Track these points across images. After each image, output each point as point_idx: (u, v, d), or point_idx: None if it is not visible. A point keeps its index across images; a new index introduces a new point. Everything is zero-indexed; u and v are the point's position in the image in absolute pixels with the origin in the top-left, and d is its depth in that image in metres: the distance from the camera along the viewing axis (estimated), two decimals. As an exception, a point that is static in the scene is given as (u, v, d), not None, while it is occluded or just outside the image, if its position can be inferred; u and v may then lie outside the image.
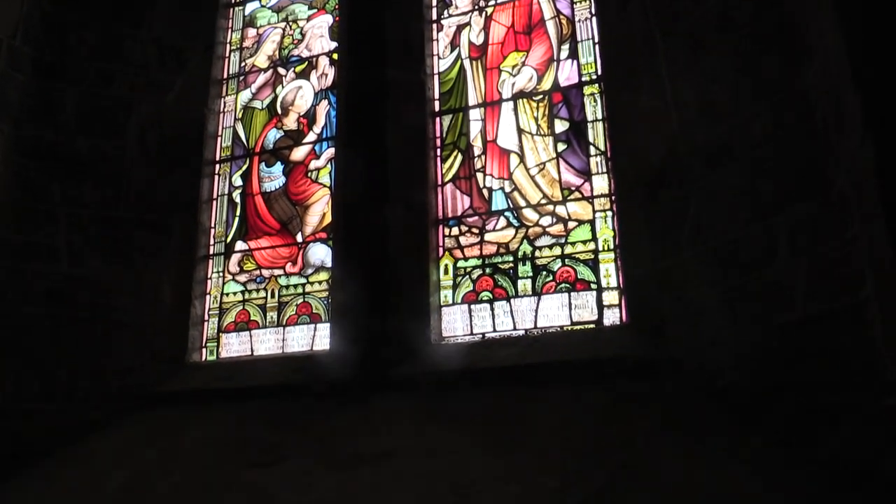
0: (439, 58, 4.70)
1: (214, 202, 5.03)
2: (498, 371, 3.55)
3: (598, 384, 3.29)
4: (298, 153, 4.92)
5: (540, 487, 2.80)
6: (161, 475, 3.57)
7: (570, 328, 3.78)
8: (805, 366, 2.66)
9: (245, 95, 5.27)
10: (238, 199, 5.00)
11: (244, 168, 5.07)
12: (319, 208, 4.70)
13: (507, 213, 4.17)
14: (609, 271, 3.81)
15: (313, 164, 4.83)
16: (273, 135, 5.06)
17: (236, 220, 4.95)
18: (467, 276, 4.14)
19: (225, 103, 5.26)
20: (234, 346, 4.67)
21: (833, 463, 2.48)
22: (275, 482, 3.28)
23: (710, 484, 2.60)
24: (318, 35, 5.20)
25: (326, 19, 5.21)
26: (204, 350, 4.72)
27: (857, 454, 2.42)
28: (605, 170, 3.99)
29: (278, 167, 4.95)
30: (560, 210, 4.04)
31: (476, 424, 3.27)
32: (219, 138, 5.18)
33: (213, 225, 4.98)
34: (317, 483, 3.21)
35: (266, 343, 4.57)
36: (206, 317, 4.79)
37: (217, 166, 5.11)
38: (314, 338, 4.40)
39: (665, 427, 2.95)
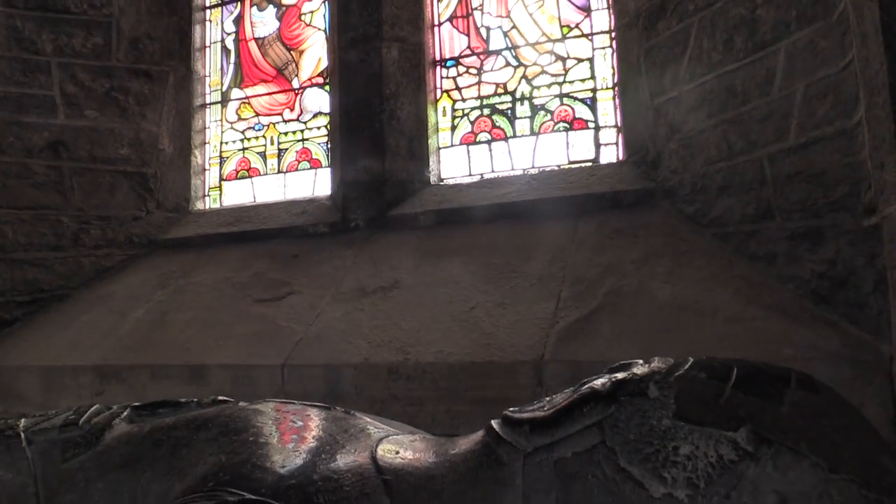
0: None
1: (207, 49, 4.94)
2: (496, 207, 3.63)
3: (593, 217, 3.39)
4: (290, -5, 4.77)
5: (536, 311, 2.95)
6: (175, 311, 3.75)
7: (567, 167, 3.82)
8: (794, 191, 2.72)
9: (231, -66, 5.04)
10: (231, 46, 4.91)
11: (235, 13, 4.94)
12: (314, 53, 4.61)
13: (505, 53, 4.10)
14: (607, 110, 3.81)
15: (306, 7, 4.69)
16: (263, -24, 4.89)
17: (231, 67, 4.89)
18: (465, 118, 4.13)
19: (210, -57, 5.05)
20: (236, 193, 4.74)
21: (813, 281, 2.60)
22: (282, 314, 3.45)
23: (694, 303, 2.74)
24: None
25: None
26: (207, 198, 4.80)
27: (837, 272, 2.53)
28: (605, 5, 3.88)
29: (270, 11, 4.81)
30: (559, 49, 3.98)
31: (475, 257, 3.39)
32: (207, -18, 5.02)
33: (207, 73, 4.93)
34: (323, 314, 3.37)
35: (268, 190, 4.63)
36: (207, 166, 4.84)
37: (207, 12, 4.98)
38: (315, 183, 4.45)
39: (656, 255, 3.06)
